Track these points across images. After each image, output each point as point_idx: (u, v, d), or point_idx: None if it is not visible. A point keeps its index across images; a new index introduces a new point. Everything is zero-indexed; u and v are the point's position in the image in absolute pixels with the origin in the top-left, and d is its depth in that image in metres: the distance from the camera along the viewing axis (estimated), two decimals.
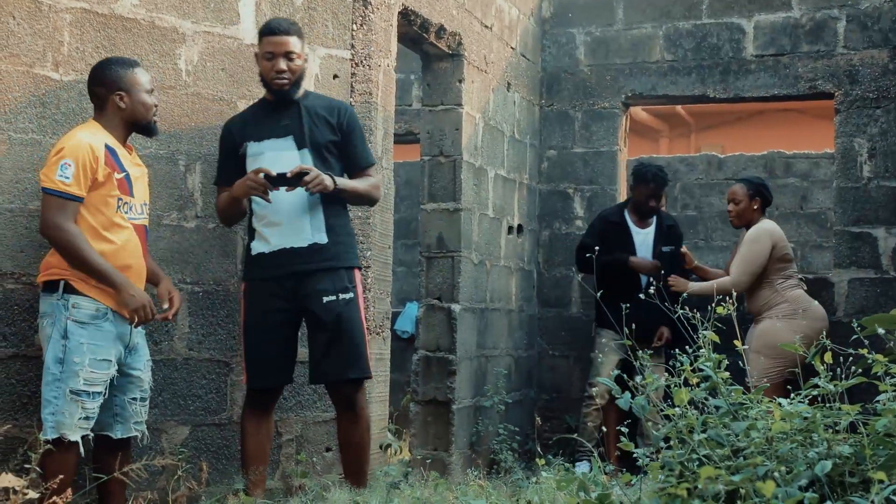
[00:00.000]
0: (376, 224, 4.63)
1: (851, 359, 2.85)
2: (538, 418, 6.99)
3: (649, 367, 2.94)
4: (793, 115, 12.77)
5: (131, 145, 3.74)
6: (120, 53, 3.88)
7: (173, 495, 3.90)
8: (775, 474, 2.44)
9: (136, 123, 3.68)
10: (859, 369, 2.78)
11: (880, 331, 2.86)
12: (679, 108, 12.39)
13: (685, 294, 4.50)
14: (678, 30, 6.87)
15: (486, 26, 6.08)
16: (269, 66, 4.00)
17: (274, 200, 3.94)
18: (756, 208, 5.81)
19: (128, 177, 3.61)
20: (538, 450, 6.55)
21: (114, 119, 3.64)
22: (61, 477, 3.19)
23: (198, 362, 4.14)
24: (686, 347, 2.90)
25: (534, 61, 6.96)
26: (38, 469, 3.18)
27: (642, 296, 3.47)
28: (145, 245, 3.72)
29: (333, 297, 3.98)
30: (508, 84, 6.48)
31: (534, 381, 7.00)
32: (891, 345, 2.86)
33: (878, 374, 2.73)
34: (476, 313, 6.02)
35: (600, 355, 5.91)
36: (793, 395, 2.85)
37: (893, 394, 2.64)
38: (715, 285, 5.37)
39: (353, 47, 4.55)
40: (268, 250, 4.01)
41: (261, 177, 3.89)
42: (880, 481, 2.35)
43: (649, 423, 5.60)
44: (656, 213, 6.34)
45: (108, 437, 3.64)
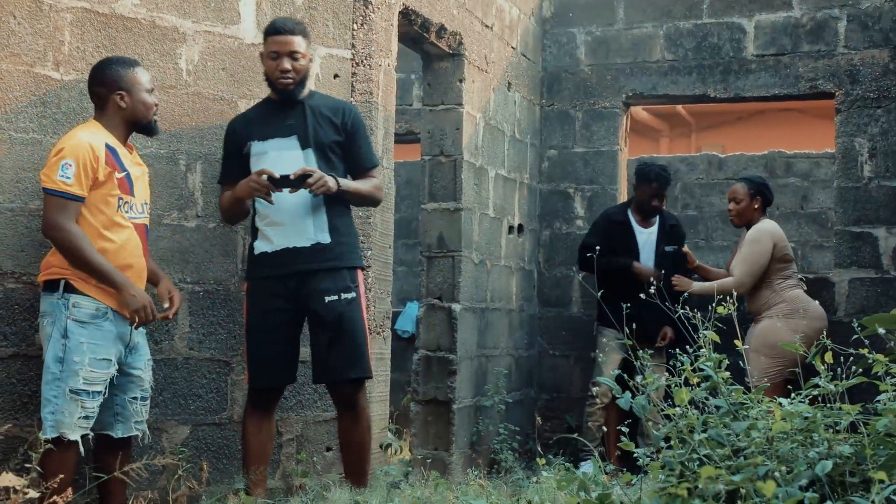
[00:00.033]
0: (377, 223, 4.63)
1: (852, 358, 2.85)
2: (538, 418, 6.99)
3: (650, 366, 2.94)
4: (793, 115, 12.77)
5: (132, 145, 3.74)
6: (120, 53, 3.88)
7: (174, 495, 3.90)
8: (776, 474, 2.44)
9: (137, 123, 3.69)
10: (860, 369, 2.78)
11: (881, 330, 2.86)
12: (680, 107, 12.38)
13: (686, 294, 4.50)
14: (679, 29, 6.87)
15: (486, 26, 6.08)
16: (274, 65, 4.00)
17: (277, 200, 3.94)
18: (757, 208, 5.80)
19: (128, 176, 3.61)
20: (538, 449, 6.55)
21: (114, 118, 3.64)
22: (62, 476, 3.19)
23: (198, 362, 4.14)
24: (687, 347, 2.90)
25: (534, 61, 6.96)
26: (38, 468, 3.18)
27: (643, 296, 3.47)
28: (146, 244, 3.72)
29: (335, 297, 3.98)
30: (509, 84, 6.48)
31: (534, 380, 7.00)
32: (891, 344, 2.86)
33: (878, 374, 2.72)
34: (476, 313, 6.01)
35: (601, 355, 5.90)
36: (793, 394, 2.85)
37: (894, 394, 2.64)
38: (716, 286, 5.36)
39: (353, 47, 4.55)
40: (270, 250, 4.01)
41: (264, 178, 3.89)
42: (881, 481, 2.35)
43: (650, 423, 5.60)
44: (659, 213, 6.34)
45: (109, 437, 3.65)
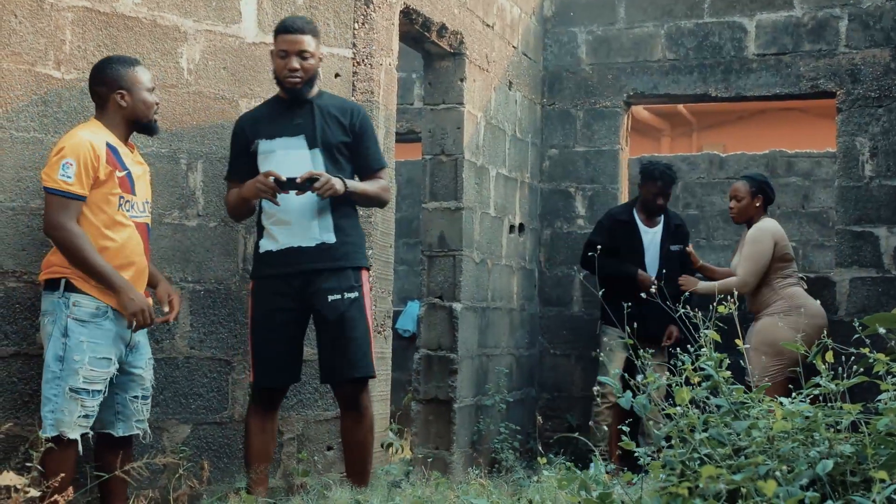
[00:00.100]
0: (378, 223, 4.63)
1: (853, 358, 2.85)
2: (539, 417, 6.99)
3: (651, 365, 2.94)
4: (794, 115, 12.76)
5: (133, 144, 3.74)
6: (122, 52, 3.88)
7: (174, 494, 3.89)
8: (776, 473, 2.44)
9: (138, 122, 3.68)
10: (861, 368, 2.78)
11: (881, 330, 2.86)
12: (681, 107, 12.38)
13: (687, 293, 4.50)
14: (680, 29, 6.87)
15: (487, 25, 6.07)
16: (283, 64, 3.99)
17: (283, 199, 3.94)
18: (758, 206, 5.79)
19: (129, 175, 3.61)
20: (539, 449, 6.55)
21: (115, 118, 3.64)
22: (62, 475, 3.19)
23: (199, 361, 4.14)
24: (688, 346, 2.90)
25: (535, 60, 6.96)
26: (39, 467, 3.18)
27: (643, 295, 3.47)
28: (147, 243, 3.72)
29: (339, 296, 3.98)
30: (510, 83, 6.48)
31: (535, 379, 7.00)
32: (892, 344, 2.86)
33: (879, 374, 2.72)
34: (477, 312, 6.01)
35: (602, 354, 5.90)
36: (794, 394, 2.85)
37: (895, 393, 2.64)
38: (717, 286, 5.36)
39: (354, 46, 4.55)
40: (276, 248, 4.01)
41: (270, 181, 3.89)
42: (882, 480, 2.35)
43: (651, 422, 5.60)
44: (664, 212, 6.33)
45: (110, 436, 3.65)
